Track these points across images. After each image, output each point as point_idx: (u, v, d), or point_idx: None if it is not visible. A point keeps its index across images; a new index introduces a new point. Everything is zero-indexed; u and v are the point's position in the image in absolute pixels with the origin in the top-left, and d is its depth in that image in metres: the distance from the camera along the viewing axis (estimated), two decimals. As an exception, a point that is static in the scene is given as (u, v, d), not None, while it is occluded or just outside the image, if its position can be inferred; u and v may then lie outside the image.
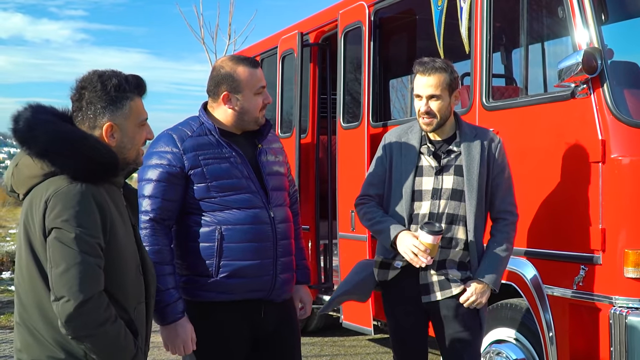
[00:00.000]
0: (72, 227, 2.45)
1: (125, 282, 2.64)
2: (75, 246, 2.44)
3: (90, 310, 2.43)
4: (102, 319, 2.47)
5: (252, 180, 3.40)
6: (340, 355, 7.40)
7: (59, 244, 2.45)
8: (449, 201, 3.69)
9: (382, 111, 6.38)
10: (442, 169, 3.72)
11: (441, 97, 3.68)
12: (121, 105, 2.69)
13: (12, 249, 15.92)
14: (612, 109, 3.91)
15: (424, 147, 3.75)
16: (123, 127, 2.71)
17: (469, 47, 4.99)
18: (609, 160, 3.89)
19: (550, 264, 4.26)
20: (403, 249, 3.59)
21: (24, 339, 2.58)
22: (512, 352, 4.53)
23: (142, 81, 2.79)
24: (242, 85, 3.42)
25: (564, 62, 4.00)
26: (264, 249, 3.39)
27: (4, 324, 9.33)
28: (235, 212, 3.34)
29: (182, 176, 3.31)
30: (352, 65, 6.55)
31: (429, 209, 3.70)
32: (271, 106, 8.05)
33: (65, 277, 2.42)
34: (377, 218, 3.78)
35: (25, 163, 2.62)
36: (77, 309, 2.41)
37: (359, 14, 6.14)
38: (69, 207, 2.48)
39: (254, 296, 3.41)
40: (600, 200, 3.92)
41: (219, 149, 3.37)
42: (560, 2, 4.24)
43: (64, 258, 2.43)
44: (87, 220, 2.49)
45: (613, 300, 3.88)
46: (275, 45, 7.82)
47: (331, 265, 7.43)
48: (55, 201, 2.48)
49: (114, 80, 2.69)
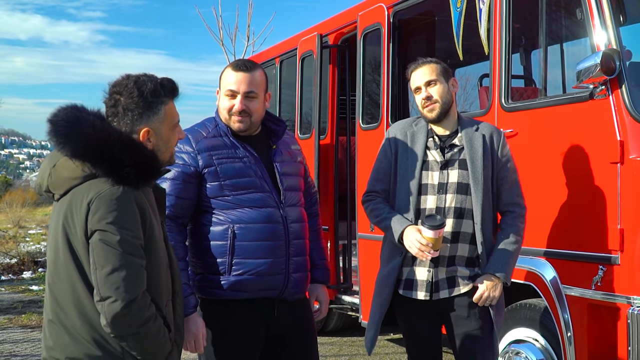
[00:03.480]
0: (116, 230, 2.50)
1: (160, 280, 2.70)
2: (120, 248, 2.49)
3: (136, 310, 2.49)
4: (145, 317, 2.53)
5: (266, 180, 3.45)
6: (359, 355, 7.42)
7: (104, 246, 2.49)
8: (455, 195, 3.69)
9: (401, 112, 6.40)
10: (447, 163, 3.73)
11: (438, 81, 3.72)
12: (157, 110, 2.74)
13: (32, 249, 16.07)
14: (631, 110, 3.92)
15: (430, 140, 3.77)
16: (158, 131, 2.76)
17: (488, 49, 5.00)
18: (627, 161, 3.89)
19: (569, 264, 4.26)
20: (408, 244, 3.59)
21: (59, 337, 2.61)
22: (530, 352, 4.54)
23: (175, 85, 2.84)
24: (220, 85, 3.53)
25: (582, 63, 4.00)
26: (276, 247, 3.43)
27: (26, 323, 9.47)
28: (248, 210, 3.39)
29: (197, 175, 3.38)
30: (371, 67, 6.57)
31: (436, 203, 3.70)
32: (291, 107, 8.15)
33: (112, 278, 2.47)
34: (384, 214, 3.76)
35: (65, 165, 2.65)
36: (124, 309, 2.46)
37: (378, 16, 6.17)
38: (113, 210, 2.52)
39: (267, 295, 3.44)
40: (619, 201, 3.92)
41: (233, 150, 3.44)
42: (579, 4, 4.25)
43: (109, 259, 2.48)
44: (130, 222, 2.54)
45: (631, 300, 3.87)
46: (294, 46, 7.87)
47: (350, 266, 7.45)
48: (98, 204, 2.52)
49: (150, 86, 2.73)
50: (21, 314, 10.00)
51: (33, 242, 18.85)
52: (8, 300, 11.25)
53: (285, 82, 8.37)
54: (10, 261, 14.55)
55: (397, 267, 3.75)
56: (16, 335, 8.74)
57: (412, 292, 3.75)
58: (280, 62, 8.41)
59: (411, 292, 3.75)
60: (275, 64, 8.50)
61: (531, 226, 4.46)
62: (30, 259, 14.62)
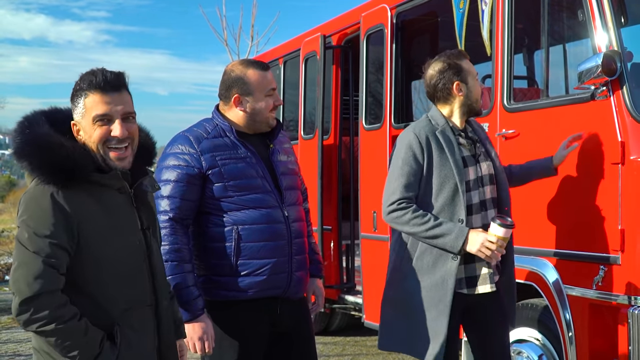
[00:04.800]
0: (25, 227, 2.52)
1: (108, 285, 2.63)
2: (26, 245, 2.50)
3: (37, 307, 2.45)
4: (53, 316, 2.48)
5: (267, 180, 3.49)
6: (362, 355, 7.48)
7: (16, 242, 2.55)
8: (489, 186, 3.85)
9: (404, 112, 6.43)
10: (478, 156, 3.84)
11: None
12: (76, 104, 2.68)
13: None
14: (632, 111, 3.94)
15: (458, 137, 3.83)
16: (83, 126, 2.68)
17: (491, 50, 5.03)
18: (628, 161, 3.92)
19: (570, 264, 4.29)
20: (477, 247, 3.61)
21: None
22: (532, 351, 4.57)
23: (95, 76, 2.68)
24: (252, 87, 3.52)
25: (583, 64, 4.03)
26: (280, 247, 3.47)
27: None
28: (251, 211, 3.42)
29: (200, 177, 3.39)
30: (374, 67, 6.61)
31: (479, 197, 3.78)
32: (294, 107, 8.19)
33: (16, 275, 2.49)
34: (432, 222, 3.65)
35: None
36: (21, 305, 2.45)
37: (381, 17, 6.21)
38: (29, 208, 2.55)
39: (271, 294, 3.48)
40: (620, 201, 3.95)
41: (235, 150, 3.46)
42: (580, 5, 4.28)
43: (17, 256, 2.52)
44: (41, 221, 2.52)
45: (632, 300, 3.90)
46: (298, 47, 7.91)
47: (353, 266, 7.51)
48: (22, 201, 2.60)
49: (77, 81, 2.70)
50: (25, 313, 10.06)
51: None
52: (11, 300, 11.26)
53: (289, 83, 8.42)
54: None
55: (454, 269, 3.69)
56: (20, 335, 8.78)
57: (474, 289, 3.79)
58: (283, 63, 8.46)
59: (474, 288, 3.79)
60: (279, 65, 8.54)
61: (533, 226, 4.52)
62: (35, 259, 14.68)
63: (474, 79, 3.87)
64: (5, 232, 19.13)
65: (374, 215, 6.09)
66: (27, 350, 7.91)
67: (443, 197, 3.70)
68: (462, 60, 3.88)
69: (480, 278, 3.79)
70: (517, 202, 4.64)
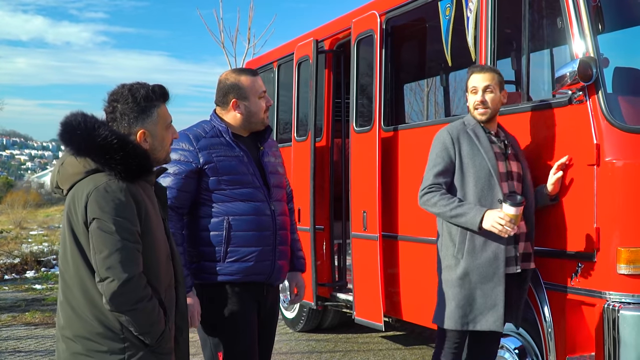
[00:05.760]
0: (111, 218, 2.79)
1: (158, 267, 2.97)
2: (115, 234, 2.77)
3: (131, 289, 2.77)
4: (140, 296, 2.80)
5: (257, 177, 3.85)
6: (354, 351, 7.61)
7: (101, 232, 2.78)
8: (516, 182, 4.29)
9: (394, 116, 6.58)
10: (507, 154, 4.30)
11: (495, 91, 4.28)
12: (150, 114, 3.05)
13: (35, 250, 16.24)
14: (607, 115, 4.11)
15: (489, 136, 4.31)
16: (154, 132, 3.06)
17: (475, 55, 5.20)
18: (603, 163, 4.09)
19: (549, 261, 4.46)
20: (490, 223, 4.05)
21: (68, 316, 2.90)
22: (513, 344, 4.75)
23: (165, 90, 3.14)
24: (247, 91, 3.91)
25: (561, 70, 4.21)
26: (265, 237, 3.83)
27: (29, 320, 9.66)
28: (241, 204, 3.78)
29: (197, 171, 3.75)
30: (364, 71, 6.75)
31: (508, 188, 4.23)
32: (288, 110, 8.33)
33: (109, 261, 2.75)
34: (456, 202, 4.16)
35: (70, 162, 2.96)
36: (120, 288, 2.74)
37: (371, 23, 6.37)
38: (109, 200, 2.81)
39: (256, 279, 3.84)
40: (595, 201, 4.12)
41: (230, 148, 3.83)
42: (560, 13, 4.45)
43: (106, 244, 2.76)
44: (124, 211, 2.82)
45: (607, 296, 4.07)
46: (291, 51, 8.07)
47: (345, 264, 7.66)
48: (96, 195, 2.81)
49: (142, 92, 3.03)
50: (25, 311, 10.20)
51: (35, 243, 18.99)
52: (12, 298, 11.43)
53: (283, 86, 8.57)
54: (14, 261, 14.73)
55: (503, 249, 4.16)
56: (20, 332, 8.93)
57: (507, 268, 4.20)
58: (277, 66, 8.61)
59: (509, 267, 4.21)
60: (273, 68, 8.70)
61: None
62: (34, 258, 14.81)
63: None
64: (4, 233, 19.23)
65: (364, 215, 6.25)
66: (27, 347, 8.07)
67: (481, 182, 4.20)
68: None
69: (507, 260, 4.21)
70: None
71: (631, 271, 4.02)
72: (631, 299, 4.02)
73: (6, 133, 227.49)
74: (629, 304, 4.01)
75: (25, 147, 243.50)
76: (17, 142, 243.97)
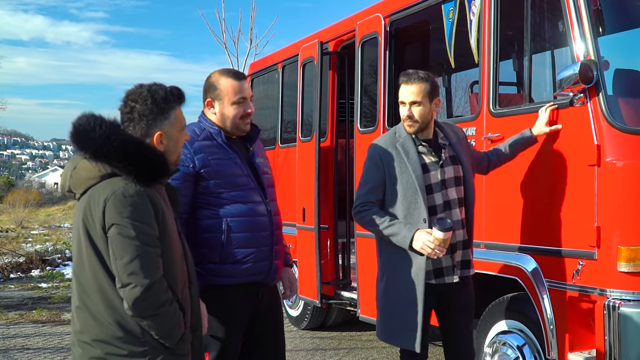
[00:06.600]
0: (130, 223, 2.78)
1: (175, 268, 2.98)
2: (135, 239, 2.77)
3: (154, 294, 2.78)
4: (162, 300, 2.82)
5: (251, 178, 3.86)
6: (357, 349, 7.69)
7: (121, 238, 2.77)
8: (454, 188, 4.22)
9: (397, 116, 6.64)
10: (443, 162, 4.20)
11: (422, 104, 4.16)
12: (168, 115, 3.05)
13: (39, 248, 16.32)
14: (607, 117, 4.19)
15: (420, 147, 4.20)
16: (170, 134, 3.06)
17: (478, 57, 5.29)
18: (603, 163, 4.18)
19: (551, 260, 4.54)
20: (420, 246, 3.98)
21: (85, 321, 2.89)
22: (515, 341, 4.84)
23: (182, 92, 3.15)
24: (222, 94, 3.85)
25: (562, 72, 4.29)
26: (263, 237, 3.84)
27: (37, 318, 9.75)
28: (239, 205, 3.77)
29: (194, 174, 3.72)
30: (368, 73, 6.85)
31: (442, 198, 4.16)
32: (292, 110, 8.42)
33: (130, 267, 2.75)
34: (386, 222, 4.11)
35: (83, 166, 2.93)
36: (143, 293, 2.75)
37: (376, 25, 6.47)
38: (127, 205, 2.80)
39: (255, 279, 3.84)
40: (596, 201, 4.21)
41: (223, 151, 3.81)
42: (561, 17, 4.54)
43: (127, 250, 2.76)
44: (143, 216, 2.82)
45: (607, 293, 4.16)
46: (296, 52, 8.17)
47: (349, 263, 7.75)
48: (114, 200, 2.80)
49: (161, 93, 3.04)
50: (31, 309, 10.28)
51: (36, 242, 19.02)
52: (18, 297, 11.52)
53: (287, 86, 8.66)
54: (19, 259, 14.82)
55: (423, 264, 4.09)
56: (28, 329, 9.02)
57: (444, 278, 4.18)
58: (282, 67, 8.69)
59: (444, 278, 4.19)
60: (278, 69, 8.79)
61: (516, 224, 4.76)
62: (39, 257, 14.90)
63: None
64: (10, 232, 19.29)
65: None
66: (35, 344, 8.16)
67: (407, 200, 4.14)
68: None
69: (444, 270, 4.19)
70: (502, 202, 4.92)
71: (631, 269, 4.10)
72: (631, 296, 4.10)
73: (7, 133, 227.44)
74: (630, 301, 4.09)
75: (26, 147, 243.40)
76: (17, 142, 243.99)
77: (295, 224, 7.88)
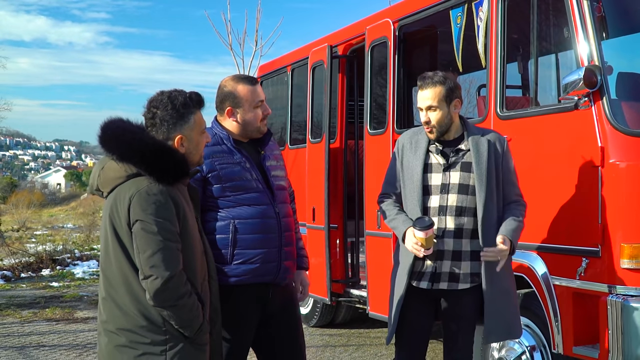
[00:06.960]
0: (153, 219, 2.99)
1: (195, 263, 3.17)
2: (158, 234, 2.98)
3: (173, 286, 2.97)
4: (182, 292, 3.01)
5: (260, 181, 3.95)
6: (366, 345, 7.84)
7: (145, 233, 2.98)
8: (457, 195, 4.06)
9: (406, 119, 6.83)
10: (449, 166, 4.10)
11: (439, 108, 4.07)
12: (188, 120, 3.26)
13: (49, 248, 16.43)
14: (611, 120, 4.34)
15: (432, 146, 4.17)
16: (190, 137, 3.28)
17: (485, 62, 5.45)
18: (607, 165, 4.32)
19: (556, 257, 4.68)
20: (406, 243, 4.06)
21: (111, 312, 3.10)
22: (523, 337, 4.97)
23: (201, 97, 3.35)
24: (242, 100, 3.98)
25: (567, 77, 4.44)
26: (271, 239, 3.92)
27: (50, 316, 9.91)
28: (247, 208, 3.87)
29: (201, 179, 3.83)
30: (378, 77, 6.99)
31: (439, 202, 4.09)
32: (301, 112, 8.57)
33: (152, 260, 2.96)
34: (392, 215, 4.21)
35: (111, 167, 3.15)
36: (163, 285, 2.95)
37: (385, 30, 6.63)
38: (151, 203, 3.01)
39: (263, 280, 3.92)
40: (600, 200, 4.35)
41: (231, 156, 3.92)
42: (566, 23, 4.69)
43: (149, 245, 2.97)
44: (165, 213, 3.02)
45: (611, 289, 4.30)
46: (306, 56, 8.31)
47: (358, 262, 7.89)
48: (139, 198, 3.02)
49: (181, 99, 3.25)
50: (44, 308, 10.43)
51: (40, 242, 19.05)
52: (30, 295, 11.66)
53: (296, 89, 8.81)
54: (29, 259, 14.96)
55: (410, 262, 4.13)
56: (42, 327, 9.17)
57: (419, 282, 4.17)
58: (292, 70, 8.84)
59: (419, 282, 4.17)
60: (287, 72, 8.94)
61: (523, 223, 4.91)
62: (49, 257, 15.04)
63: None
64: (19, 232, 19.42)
65: (378, 214, 6.47)
66: (50, 342, 8.32)
67: (407, 196, 4.20)
68: None
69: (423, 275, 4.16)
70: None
71: (634, 265, 4.24)
72: (634, 292, 4.24)
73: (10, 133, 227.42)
74: (633, 296, 4.22)
75: (29, 147, 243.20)
76: (20, 143, 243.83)
77: (306, 224, 8.02)
